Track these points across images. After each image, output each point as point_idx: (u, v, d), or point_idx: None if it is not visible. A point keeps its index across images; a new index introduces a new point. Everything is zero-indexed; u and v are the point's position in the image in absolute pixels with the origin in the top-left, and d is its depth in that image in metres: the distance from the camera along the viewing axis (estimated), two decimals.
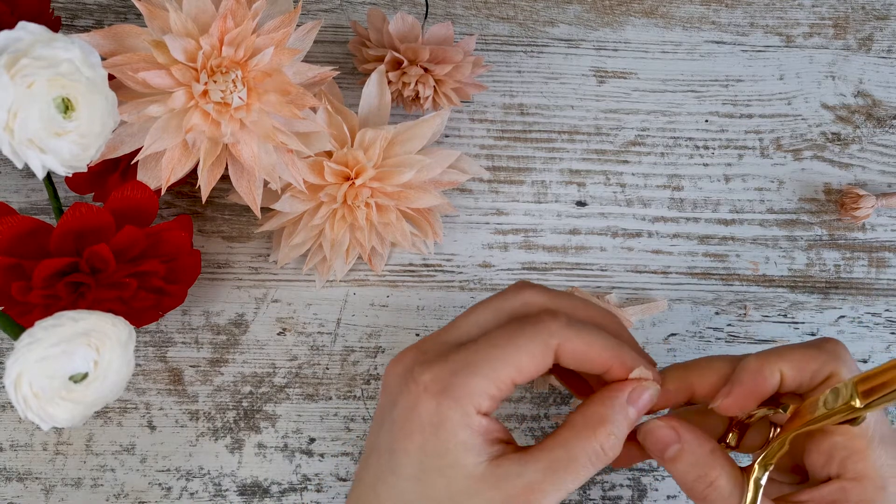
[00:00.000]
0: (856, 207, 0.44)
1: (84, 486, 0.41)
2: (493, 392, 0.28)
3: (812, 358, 0.31)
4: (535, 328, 0.29)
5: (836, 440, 0.30)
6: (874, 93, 0.48)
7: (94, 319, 0.32)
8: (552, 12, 0.48)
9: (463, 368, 0.28)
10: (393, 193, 0.40)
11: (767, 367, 0.31)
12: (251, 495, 0.41)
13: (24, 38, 0.30)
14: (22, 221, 0.35)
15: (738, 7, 0.49)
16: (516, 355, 0.29)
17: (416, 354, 0.30)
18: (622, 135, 0.47)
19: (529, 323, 0.29)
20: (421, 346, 0.31)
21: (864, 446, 0.30)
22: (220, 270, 0.43)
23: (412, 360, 0.30)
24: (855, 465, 0.30)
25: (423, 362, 0.29)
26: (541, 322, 0.29)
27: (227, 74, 0.34)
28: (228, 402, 0.42)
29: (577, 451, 0.28)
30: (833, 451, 0.30)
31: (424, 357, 0.30)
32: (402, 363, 0.30)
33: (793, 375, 0.31)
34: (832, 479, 0.30)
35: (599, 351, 0.30)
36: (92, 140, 0.32)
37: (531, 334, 0.29)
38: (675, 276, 0.45)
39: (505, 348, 0.29)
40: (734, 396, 0.31)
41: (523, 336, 0.29)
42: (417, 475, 0.28)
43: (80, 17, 0.46)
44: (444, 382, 0.28)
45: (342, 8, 0.47)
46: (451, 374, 0.28)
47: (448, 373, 0.28)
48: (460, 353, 0.29)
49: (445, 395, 0.28)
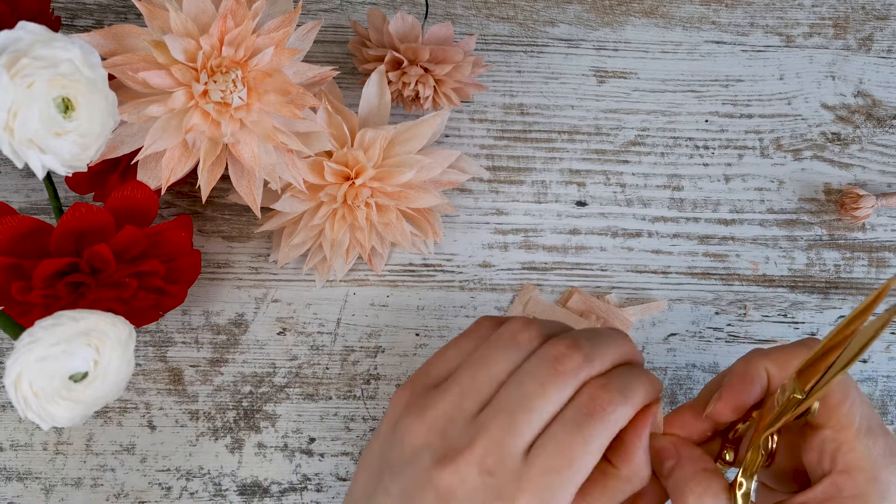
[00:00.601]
0: (856, 207, 0.44)
1: (84, 485, 0.41)
2: (576, 494, 0.29)
3: (793, 355, 0.31)
4: (603, 425, 0.28)
5: (825, 434, 0.30)
6: (874, 93, 0.48)
7: (94, 319, 0.32)
8: (552, 12, 0.48)
9: (552, 496, 0.28)
10: (393, 193, 0.40)
11: (752, 367, 0.31)
12: (251, 495, 0.41)
13: (24, 38, 0.30)
14: (22, 221, 0.35)
15: (738, 7, 0.49)
16: (593, 458, 0.28)
17: (483, 476, 0.28)
18: (622, 135, 0.47)
19: (597, 420, 0.28)
20: (484, 462, 0.28)
21: (851, 437, 0.30)
22: (220, 270, 0.44)
23: (482, 484, 0.28)
24: (844, 456, 0.30)
25: (501, 495, 0.28)
26: (607, 416, 0.28)
27: (228, 74, 0.34)
28: (228, 402, 0.42)
29: (620, 496, 0.29)
30: (823, 445, 0.30)
31: (496, 482, 0.28)
32: (465, 480, 0.28)
33: (777, 373, 0.31)
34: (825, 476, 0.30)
35: (644, 403, 0.30)
36: (92, 140, 0.32)
37: (601, 433, 0.28)
38: (675, 275, 0.45)
39: (583, 458, 0.28)
40: (724, 399, 0.31)
41: (594, 437, 0.28)
42: None
43: (80, 17, 0.46)
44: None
45: (342, 8, 0.47)
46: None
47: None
48: (539, 477, 0.28)
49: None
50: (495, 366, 0.30)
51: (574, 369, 0.29)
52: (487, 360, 0.30)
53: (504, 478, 0.28)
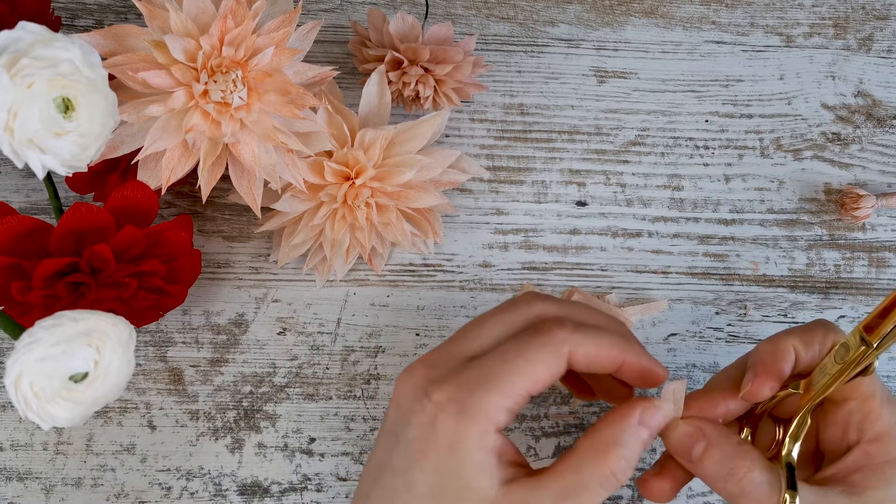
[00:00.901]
0: (856, 207, 0.44)
1: (84, 485, 0.41)
2: (510, 406, 0.28)
3: (814, 331, 0.32)
4: (545, 337, 0.29)
5: (850, 406, 0.31)
6: (874, 93, 0.48)
7: (95, 319, 0.32)
8: (552, 12, 0.48)
9: (478, 385, 0.28)
10: (393, 193, 0.40)
11: (781, 344, 0.32)
12: (251, 495, 0.41)
13: (25, 38, 0.30)
14: (22, 221, 0.35)
15: (738, 7, 0.49)
16: (530, 367, 0.28)
17: (428, 370, 0.30)
18: (622, 135, 0.47)
19: (539, 333, 0.29)
20: (432, 361, 0.30)
21: (877, 406, 0.31)
22: (220, 270, 0.44)
23: (424, 376, 0.30)
24: (873, 425, 0.31)
25: (436, 380, 0.29)
26: (550, 331, 0.29)
27: (228, 74, 0.34)
28: (228, 402, 0.42)
29: (587, 476, 0.28)
30: (849, 417, 0.31)
31: (437, 373, 0.30)
32: (414, 378, 0.30)
33: (803, 350, 0.32)
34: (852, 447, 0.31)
35: (608, 350, 0.30)
36: (92, 140, 0.32)
37: (542, 344, 0.29)
38: (675, 275, 0.45)
39: (518, 361, 0.29)
40: (759, 379, 0.31)
41: (534, 347, 0.29)
42: (431, 494, 0.28)
43: (80, 17, 0.46)
44: (461, 401, 0.28)
45: (342, 8, 0.47)
46: (467, 393, 0.28)
47: (464, 391, 0.28)
48: (474, 369, 0.29)
49: (463, 414, 0.28)
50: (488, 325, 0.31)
51: (528, 300, 0.31)
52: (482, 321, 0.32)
53: (443, 370, 0.29)
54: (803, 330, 0.33)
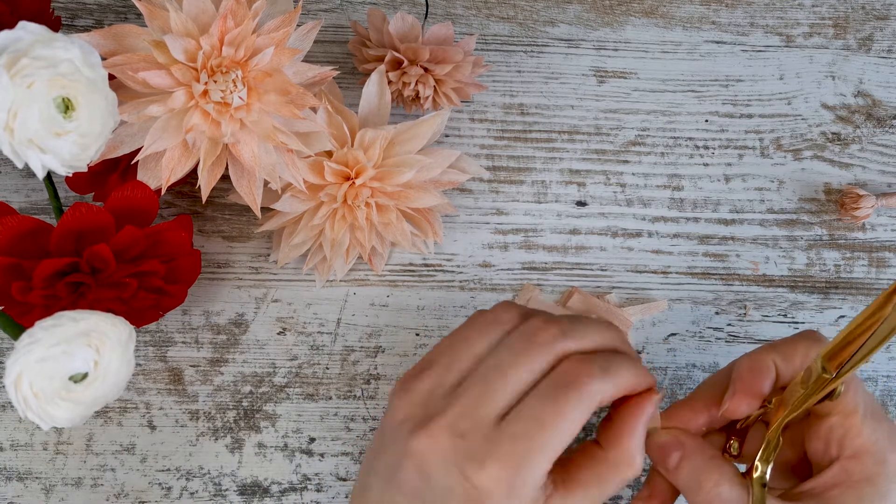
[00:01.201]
0: (856, 207, 0.44)
1: (84, 485, 0.41)
2: (551, 464, 0.28)
3: (796, 345, 0.32)
4: (577, 393, 0.28)
5: (831, 421, 0.31)
6: (874, 93, 0.48)
7: (94, 319, 0.32)
8: (552, 12, 0.48)
9: (523, 460, 0.27)
10: (393, 193, 0.40)
11: (761, 361, 0.32)
12: (251, 495, 0.41)
13: (24, 38, 0.30)
14: (22, 221, 0.35)
15: (738, 7, 0.49)
16: (568, 425, 0.28)
17: (455, 441, 0.28)
18: (622, 135, 0.47)
19: (569, 388, 0.28)
20: (457, 429, 0.28)
21: (858, 422, 0.31)
22: (220, 270, 0.44)
23: (453, 448, 0.28)
24: (852, 441, 0.31)
25: (471, 456, 0.28)
26: (581, 384, 0.28)
27: (228, 74, 0.34)
28: (228, 402, 0.42)
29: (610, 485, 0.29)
30: (830, 432, 0.31)
31: (468, 445, 0.28)
32: (440, 448, 0.28)
33: (784, 365, 0.32)
34: (833, 463, 0.31)
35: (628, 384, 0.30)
36: (92, 140, 0.32)
37: (577, 400, 0.28)
38: (675, 275, 0.45)
39: (555, 423, 0.28)
40: (738, 395, 0.31)
41: (570, 405, 0.28)
42: None
43: (80, 17, 0.46)
44: (509, 483, 0.27)
45: (342, 8, 0.47)
46: (513, 472, 0.27)
47: (509, 469, 0.27)
48: (512, 441, 0.28)
49: (514, 497, 0.27)
50: (476, 343, 0.30)
51: (549, 340, 0.30)
52: (469, 338, 0.31)
53: (475, 441, 0.28)
54: (786, 343, 0.32)
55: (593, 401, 0.29)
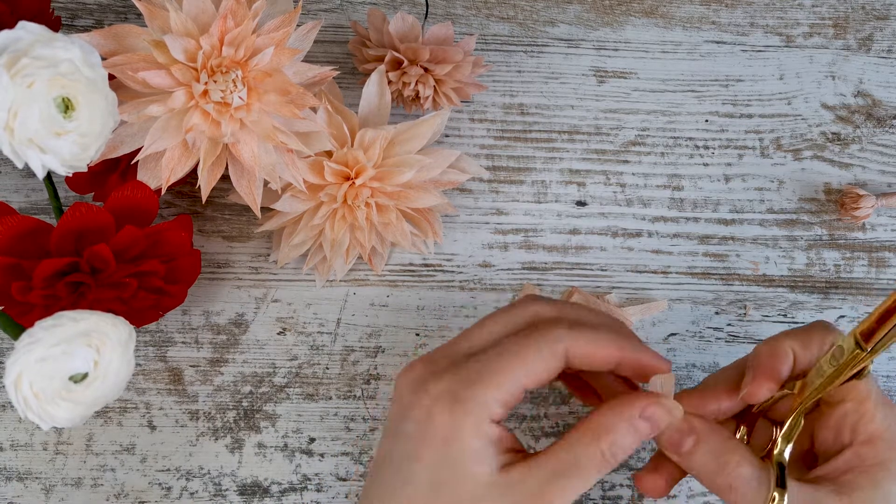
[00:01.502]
0: (856, 207, 0.44)
1: (84, 485, 0.41)
2: (506, 399, 0.29)
3: (812, 332, 0.32)
4: (541, 335, 0.30)
5: (845, 408, 0.31)
6: (874, 93, 0.48)
7: (94, 319, 0.32)
8: (552, 12, 0.48)
9: (475, 379, 0.29)
10: (393, 193, 0.40)
11: (780, 346, 0.32)
12: (251, 495, 0.41)
13: (24, 38, 0.30)
14: (22, 221, 0.35)
15: (738, 7, 0.49)
16: (526, 364, 0.29)
17: (427, 366, 0.31)
18: (622, 135, 0.47)
19: (536, 331, 0.30)
20: (432, 358, 0.31)
21: (871, 408, 0.31)
22: (220, 270, 0.43)
23: (423, 371, 0.30)
24: (866, 427, 0.31)
25: (434, 373, 0.30)
26: (547, 329, 0.30)
27: (228, 74, 0.34)
28: (228, 402, 0.42)
29: (581, 456, 0.29)
30: (843, 418, 0.31)
31: (435, 368, 0.30)
32: (413, 374, 0.31)
33: (802, 351, 0.32)
34: (845, 448, 0.31)
35: (605, 347, 0.30)
36: (92, 140, 0.32)
37: (538, 341, 0.29)
38: (675, 275, 0.45)
39: (514, 357, 0.29)
40: (757, 381, 0.32)
41: (532, 344, 0.29)
42: (430, 485, 0.28)
43: (80, 17, 0.46)
44: (456, 394, 0.28)
45: (342, 8, 0.47)
46: (463, 386, 0.29)
47: (460, 384, 0.29)
48: (471, 364, 0.29)
49: (458, 406, 0.28)
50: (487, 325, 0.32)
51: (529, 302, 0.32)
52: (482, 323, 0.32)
53: (442, 365, 0.30)
54: (802, 331, 0.33)
55: (556, 348, 0.29)
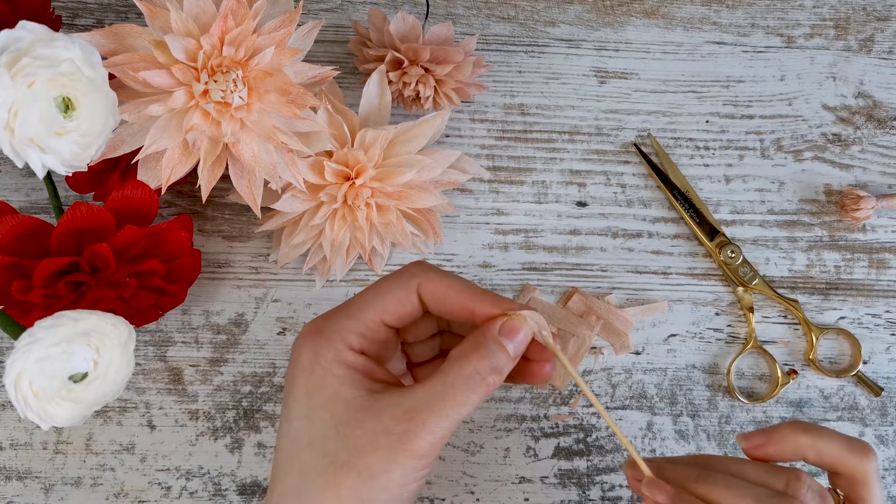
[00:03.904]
0: (856, 209, 0.44)
1: (84, 485, 0.41)
2: (362, 330, 0.30)
3: (846, 452, 0.32)
4: (399, 272, 0.31)
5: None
6: (875, 94, 0.48)
7: (94, 319, 0.32)
8: (553, 12, 0.48)
9: (334, 314, 0.31)
10: (393, 193, 0.40)
11: (808, 443, 0.32)
12: (251, 494, 0.41)
13: (25, 38, 0.30)
14: (22, 221, 0.35)
15: (739, 8, 0.49)
16: (381, 297, 0.30)
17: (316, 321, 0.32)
18: (623, 135, 0.47)
19: (396, 272, 0.31)
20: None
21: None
22: (220, 270, 0.43)
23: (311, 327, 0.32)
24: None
25: (312, 320, 0.31)
26: (405, 268, 0.31)
27: (228, 74, 0.34)
28: (228, 402, 0.42)
29: (454, 378, 0.29)
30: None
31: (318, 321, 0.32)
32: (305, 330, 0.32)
33: (816, 460, 0.32)
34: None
35: (458, 291, 0.30)
36: (92, 139, 0.32)
37: (394, 277, 0.31)
38: (675, 276, 0.45)
39: (370, 293, 0.31)
40: (763, 450, 0.33)
41: (388, 279, 0.31)
42: (306, 414, 0.29)
43: (81, 17, 0.46)
44: (319, 327, 0.30)
45: (343, 8, 0.47)
46: (324, 320, 0.30)
47: (324, 320, 0.30)
48: (338, 306, 0.31)
49: (320, 337, 0.30)
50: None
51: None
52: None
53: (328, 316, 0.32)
54: (842, 444, 0.32)
55: (409, 283, 0.30)
